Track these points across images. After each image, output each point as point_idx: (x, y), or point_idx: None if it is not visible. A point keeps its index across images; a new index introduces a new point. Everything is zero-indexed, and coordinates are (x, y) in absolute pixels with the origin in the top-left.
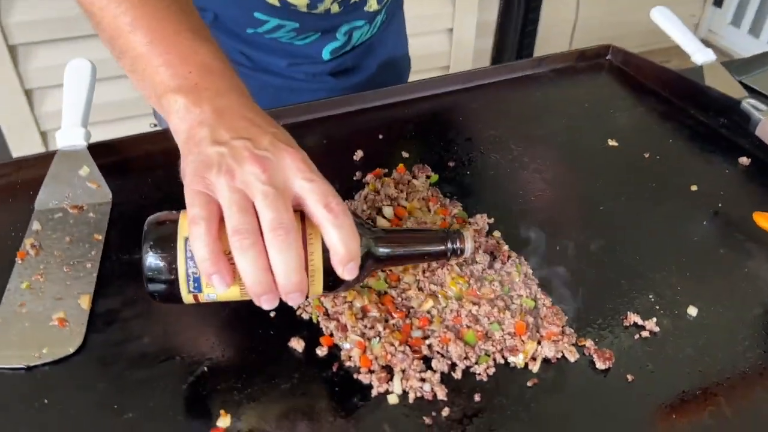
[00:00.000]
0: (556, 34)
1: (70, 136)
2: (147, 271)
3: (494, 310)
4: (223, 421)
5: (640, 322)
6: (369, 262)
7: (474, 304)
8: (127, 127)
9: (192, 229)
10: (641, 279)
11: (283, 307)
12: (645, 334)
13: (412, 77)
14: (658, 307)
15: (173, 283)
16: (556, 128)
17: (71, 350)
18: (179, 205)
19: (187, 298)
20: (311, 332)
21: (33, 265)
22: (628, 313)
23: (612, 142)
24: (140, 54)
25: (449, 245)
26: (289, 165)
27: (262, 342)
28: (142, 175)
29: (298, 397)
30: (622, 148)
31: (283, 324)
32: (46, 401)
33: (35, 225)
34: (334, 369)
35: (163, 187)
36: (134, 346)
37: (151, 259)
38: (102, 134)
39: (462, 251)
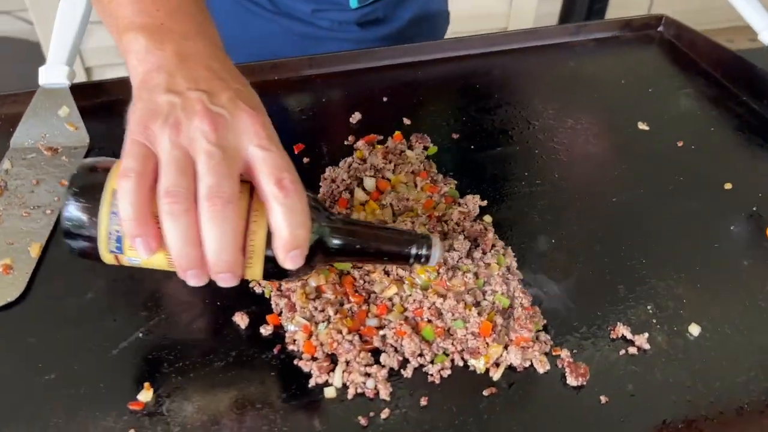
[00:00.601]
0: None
1: (53, 74)
2: (65, 220)
3: (460, 306)
4: (145, 395)
5: (629, 335)
6: (319, 253)
7: (440, 296)
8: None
9: (121, 183)
10: (642, 286)
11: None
12: (633, 350)
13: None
14: (654, 321)
15: (92, 240)
16: (583, 105)
17: (9, 300)
18: None
19: (107, 257)
20: (260, 308)
21: None
22: (618, 324)
23: (643, 126)
24: None
25: (413, 250)
26: (244, 127)
27: (206, 313)
28: (125, 121)
29: (230, 377)
30: (654, 133)
31: (233, 295)
32: None
33: (5, 164)
34: (275, 351)
35: None
36: (75, 301)
37: (72, 208)
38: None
39: (427, 259)
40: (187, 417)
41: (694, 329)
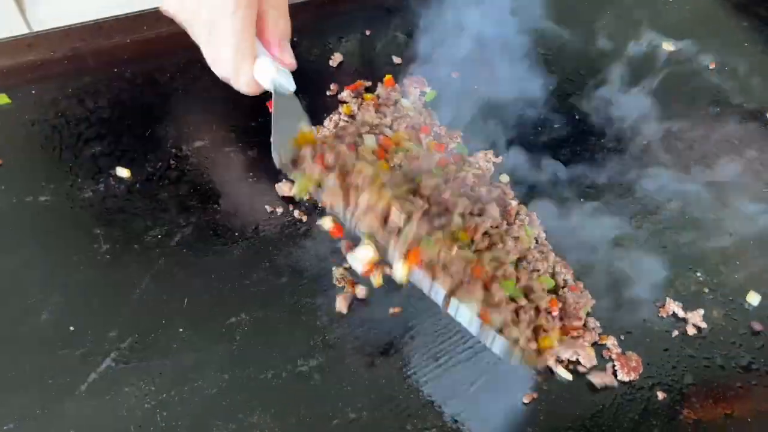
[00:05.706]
0: None
1: None
2: None
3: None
4: None
5: (681, 313)
6: None
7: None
8: None
9: None
10: (686, 250)
11: (228, 275)
12: (688, 329)
13: None
14: (706, 291)
15: None
16: (598, 21)
17: None
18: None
19: None
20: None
21: None
22: (667, 299)
23: (668, 46)
24: None
25: None
26: None
27: (188, 325)
28: (66, 82)
29: (220, 406)
30: (681, 54)
31: (230, 295)
32: None
33: None
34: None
35: (89, 100)
36: (30, 326)
37: None
38: None
39: None
40: None
41: (753, 298)
